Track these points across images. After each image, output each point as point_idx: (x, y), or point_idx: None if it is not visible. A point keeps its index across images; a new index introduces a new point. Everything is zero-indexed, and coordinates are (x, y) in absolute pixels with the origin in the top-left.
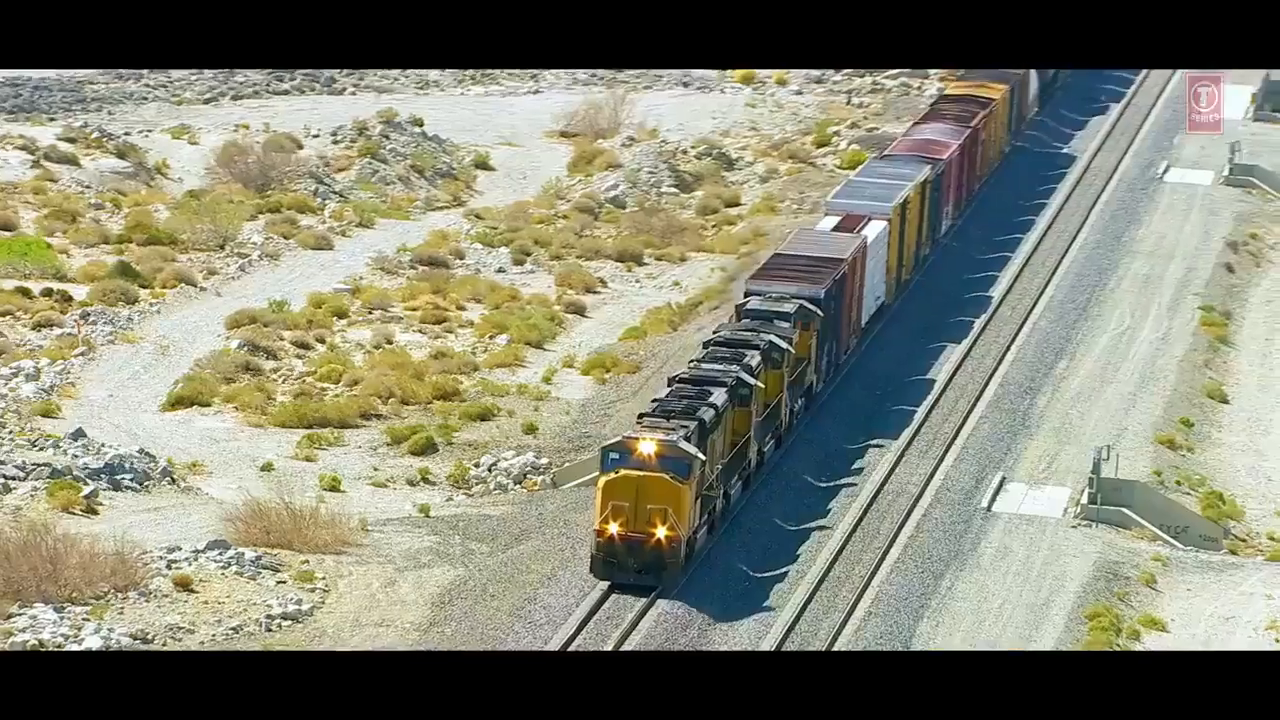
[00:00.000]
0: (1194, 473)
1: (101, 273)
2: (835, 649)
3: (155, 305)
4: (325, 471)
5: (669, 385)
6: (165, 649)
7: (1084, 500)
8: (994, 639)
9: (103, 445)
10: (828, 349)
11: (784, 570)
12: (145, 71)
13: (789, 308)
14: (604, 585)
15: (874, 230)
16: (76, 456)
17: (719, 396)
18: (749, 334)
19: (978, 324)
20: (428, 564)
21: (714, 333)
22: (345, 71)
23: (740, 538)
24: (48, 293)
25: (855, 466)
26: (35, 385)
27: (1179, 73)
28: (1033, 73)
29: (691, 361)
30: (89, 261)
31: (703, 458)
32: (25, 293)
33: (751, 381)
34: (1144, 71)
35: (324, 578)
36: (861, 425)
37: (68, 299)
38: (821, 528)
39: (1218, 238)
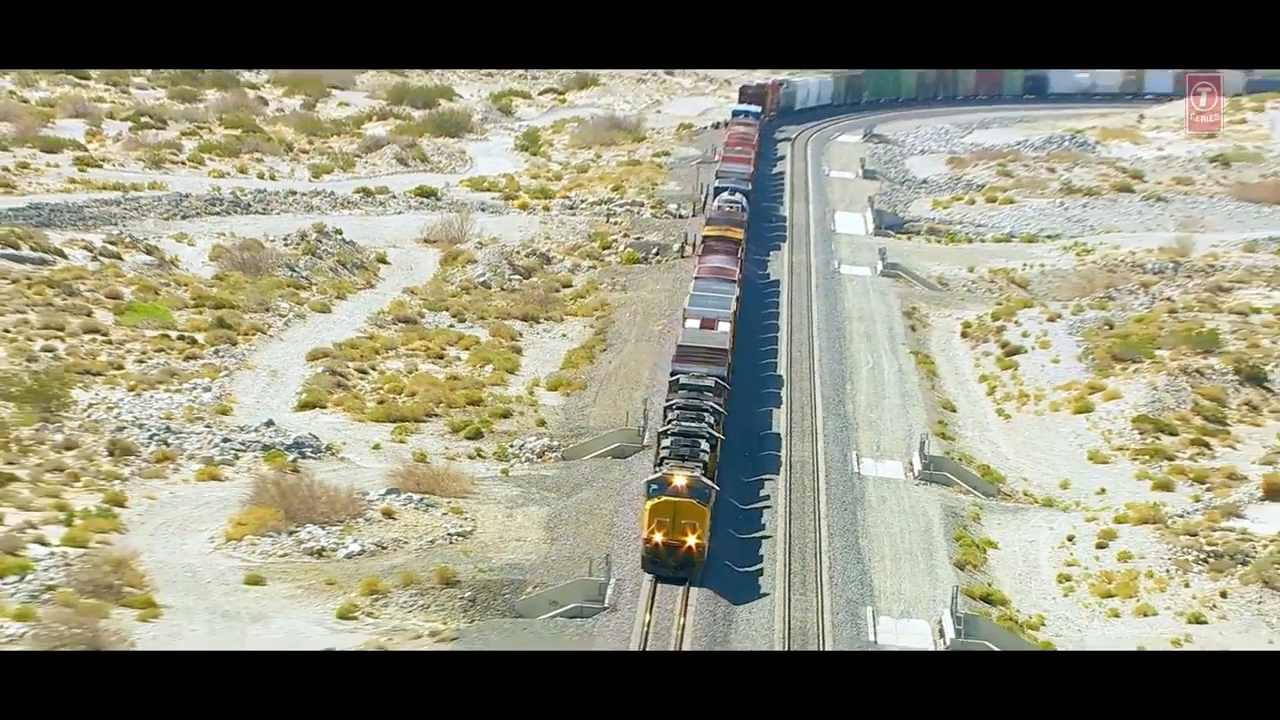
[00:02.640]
0: (963, 453)
1: (203, 325)
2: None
3: (252, 346)
4: (414, 450)
5: (659, 439)
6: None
7: (919, 468)
8: (911, 547)
9: (286, 429)
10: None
11: (767, 475)
12: (123, 198)
13: (709, 382)
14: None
15: (725, 328)
16: (273, 437)
17: (705, 444)
18: (697, 400)
19: (784, 372)
20: (524, 504)
21: (667, 401)
22: (256, 198)
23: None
24: (180, 338)
25: (766, 451)
26: (210, 395)
27: (812, 204)
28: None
29: (669, 420)
30: (187, 320)
31: (717, 488)
32: (166, 337)
33: (718, 434)
34: (788, 204)
35: (466, 512)
36: (754, 433)
37: (195, 343)
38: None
39: (895, 309)
